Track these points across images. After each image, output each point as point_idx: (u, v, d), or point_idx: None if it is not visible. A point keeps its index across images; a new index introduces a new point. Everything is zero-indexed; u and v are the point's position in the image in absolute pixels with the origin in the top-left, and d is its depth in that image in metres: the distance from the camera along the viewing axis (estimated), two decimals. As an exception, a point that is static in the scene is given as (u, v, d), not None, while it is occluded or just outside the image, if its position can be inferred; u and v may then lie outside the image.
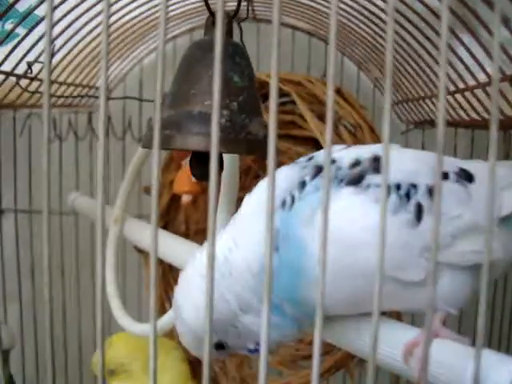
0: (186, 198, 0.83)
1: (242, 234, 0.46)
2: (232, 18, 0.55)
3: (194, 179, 0.82)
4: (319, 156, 0.50)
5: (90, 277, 1.09)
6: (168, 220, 1.04)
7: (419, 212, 0.43)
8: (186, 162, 0.85)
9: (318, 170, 0.46)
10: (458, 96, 0.72)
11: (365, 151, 0.47)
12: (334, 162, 0.46)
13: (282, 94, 0.84)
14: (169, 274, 1.02)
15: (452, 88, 0.73)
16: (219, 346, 0.48)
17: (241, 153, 0.52)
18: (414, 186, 0.44)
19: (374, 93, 1.03)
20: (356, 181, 0.44)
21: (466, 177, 0.46)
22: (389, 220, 0.40)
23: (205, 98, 0.51)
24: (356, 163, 0.46)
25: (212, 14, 0.55)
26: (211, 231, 0.32)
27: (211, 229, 0.32)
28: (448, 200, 0.43)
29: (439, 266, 0.44)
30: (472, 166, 0.48)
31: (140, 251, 1.04)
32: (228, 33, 0.55)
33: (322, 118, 0.87)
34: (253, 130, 0.52)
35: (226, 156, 0.62)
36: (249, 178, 0.98)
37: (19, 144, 1.08)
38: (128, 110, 1.07)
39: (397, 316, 0.48)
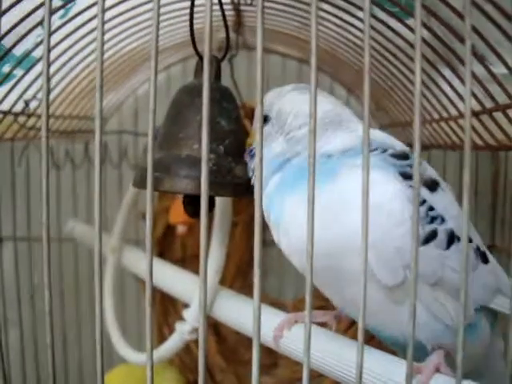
0: (181, 229, 0.85)
1: None
2: (220, 61, 0.57)
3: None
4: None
5: (89, 303, 1.10)
6: (165, 245, 1.05)
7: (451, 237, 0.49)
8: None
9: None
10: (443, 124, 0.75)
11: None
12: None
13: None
14: (167, 302, 1.03)
15: (436, 116, 0.75)
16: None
17: (227, 195, 0.54)
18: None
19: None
20: (407, 176, 0.48)
21: (483, 259, 0.53)
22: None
23: (193, 141, 0.53)
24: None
25: (201, 58, 0.57)
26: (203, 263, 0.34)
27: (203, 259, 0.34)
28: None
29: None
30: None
31: (139, 279, 1.05)
32: (216, 77, 0.56)
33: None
34: (238, 173, 0.54)
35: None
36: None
37: (17, 173, 1.10)
38: (124, 137, 1.09)
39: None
